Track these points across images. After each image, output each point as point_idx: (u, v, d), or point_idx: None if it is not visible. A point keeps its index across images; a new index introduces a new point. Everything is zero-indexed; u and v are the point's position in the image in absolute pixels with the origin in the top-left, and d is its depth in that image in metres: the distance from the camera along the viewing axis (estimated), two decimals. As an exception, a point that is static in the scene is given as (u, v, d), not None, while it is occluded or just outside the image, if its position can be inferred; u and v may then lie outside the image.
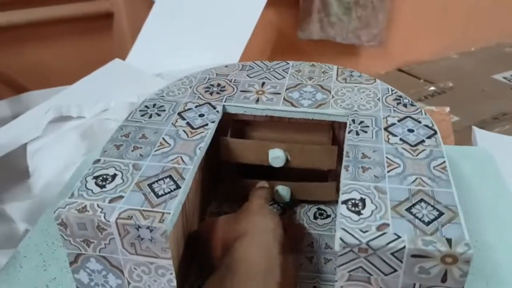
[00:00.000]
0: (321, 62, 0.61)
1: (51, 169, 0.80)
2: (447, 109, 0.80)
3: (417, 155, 0.43)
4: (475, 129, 0.83)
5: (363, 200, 0.38)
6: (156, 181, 0.41)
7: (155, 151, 0.45)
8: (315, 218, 0.54)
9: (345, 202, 0.38)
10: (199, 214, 0.51)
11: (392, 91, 0.54)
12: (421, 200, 0.38)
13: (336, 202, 0.52)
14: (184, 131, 0.48)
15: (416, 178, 0.41)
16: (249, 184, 0.52)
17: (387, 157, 0.43)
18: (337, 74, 0.58)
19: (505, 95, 1.63)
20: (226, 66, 0.61)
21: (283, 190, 0.53)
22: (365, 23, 1.70)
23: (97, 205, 0.38)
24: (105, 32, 1.48)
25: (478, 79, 1.77)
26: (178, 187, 0.40)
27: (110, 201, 0.38)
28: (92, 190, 0.40)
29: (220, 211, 0.55)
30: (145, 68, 1.09)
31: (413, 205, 0.38)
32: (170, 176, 0.41)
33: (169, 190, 0.40)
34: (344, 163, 0.43)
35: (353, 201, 0.38)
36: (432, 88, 1.62)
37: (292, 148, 0.51)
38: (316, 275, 0.46)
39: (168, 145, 0.45)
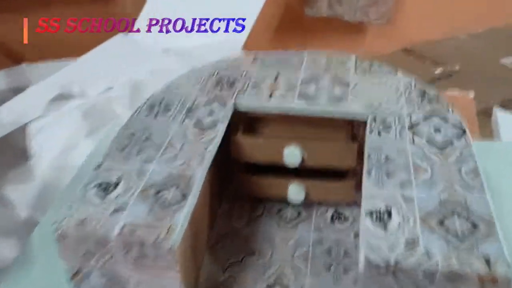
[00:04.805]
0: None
1: (52, 151, 0.77)
2: (472, 94, 0.74)
3: (445, 158, 0.40)
4: (497, 111, 0.76)
5: (388, 211, 0.35)
6: (162, 190, 0.37)
7: (161, 155, 0.41)
8: (332, 221, 0.50)
9: (369, 213, 0.35)
10: (209, 218, 0.48)
11: (415, 85, 0.50)
12: (453, 211, 0.35)
13: (355, 203, 0.49)
14: (192, 132, 0.44)
15: (446, 185, 0.37)
16: (262, 182, 0.49)
17: (413, 161, 0.40)
18: (355, 66, 0.54)
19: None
20: (237, 58, 0.57)
21: (298, 187, 0.50)
22: (374, 0, 1.67)
23: (98, 217, 0.35)
24: (110, 0, 1.43)
25: (486, 62, 1.72)
26: (185, 196, 0.37)
27: (111, 213, 0.35)
28: (92, 201, 0.37)
29: (231, 214, 0.52)
30: (151, 42, 1.05)
31: (445, 216, 0.34)
32: (176, 184, 0.38)
33: (176, 200, 0.36)
34: (366, 167, 0.39)
35: (378, 212, 0.35)
36: (439, 71, 1.58)
37: (308, 145, 0.47)
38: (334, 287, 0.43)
39: (175, 148, 0.42)
